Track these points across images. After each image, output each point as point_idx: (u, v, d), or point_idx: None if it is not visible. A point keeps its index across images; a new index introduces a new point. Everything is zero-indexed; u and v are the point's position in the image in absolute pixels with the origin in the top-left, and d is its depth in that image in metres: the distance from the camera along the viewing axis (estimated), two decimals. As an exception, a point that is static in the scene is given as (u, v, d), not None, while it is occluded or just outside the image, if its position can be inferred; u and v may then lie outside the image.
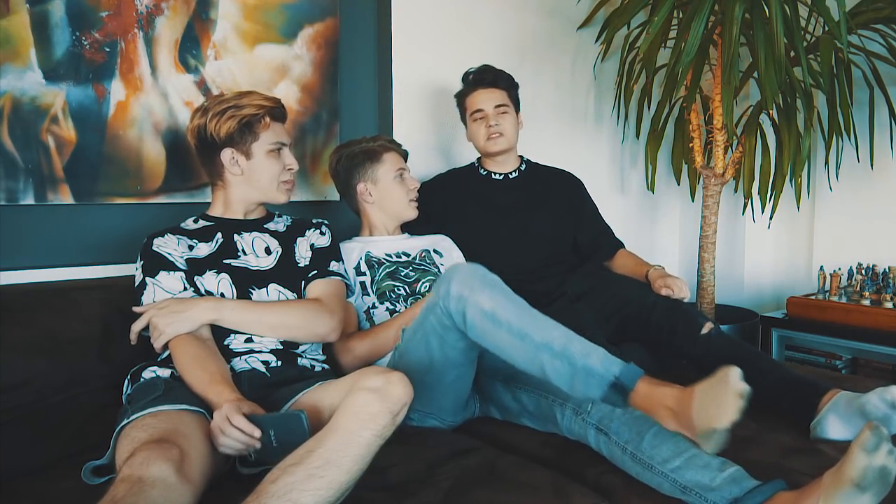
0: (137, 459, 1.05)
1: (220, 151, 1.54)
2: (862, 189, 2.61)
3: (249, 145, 1.55)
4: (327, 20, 2.06)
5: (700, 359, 1.67)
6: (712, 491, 1.17)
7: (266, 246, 1.60)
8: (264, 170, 1.57)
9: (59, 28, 1.63)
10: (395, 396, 1.13)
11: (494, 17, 2.47)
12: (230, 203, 1.61)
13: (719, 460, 1.21)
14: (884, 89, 2.30)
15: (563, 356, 1.24)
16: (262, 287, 1.54)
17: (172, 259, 1.49)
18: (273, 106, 1.57)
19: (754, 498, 1.15)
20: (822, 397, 1.43)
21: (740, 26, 2.02)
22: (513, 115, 2.09)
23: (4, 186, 1.60)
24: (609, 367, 1.21)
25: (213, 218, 1.61)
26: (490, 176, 2.14)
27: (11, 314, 1.46)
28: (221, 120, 1.52)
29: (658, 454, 1.23)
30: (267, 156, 1.56)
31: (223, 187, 1.60)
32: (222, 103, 1.54)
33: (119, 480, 1.03)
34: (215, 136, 1.52)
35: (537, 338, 1.26)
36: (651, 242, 3.11)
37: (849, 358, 2.50)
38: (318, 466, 1.06)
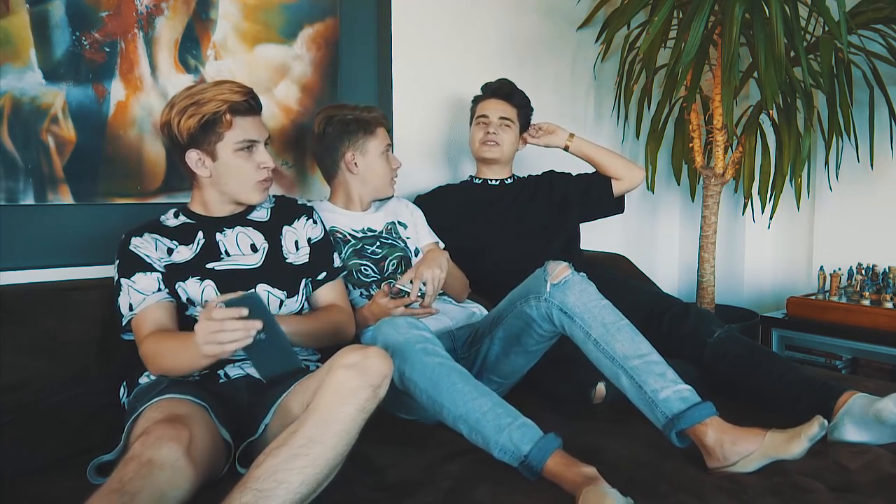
0: (150, 439, 1.06)
1: (186, 152, 1.44)
2: (862, 189, 2.61)
3: (213, 146, 1.43)
4: (327, 20, 2.06)
5: (710, 365, 1.65)
6: (662, 402, 1.31)
7: (251, 243, 1.53)
8: (233, 171, 1.46)
9: (59, 28, 1.63)
10: (375, 370, 1.13)
11: (495, 17, 2.47)
12: (207, 203, 1.52)
13: (674, 374, 1.34)
14: (884, 89, 2.30)
15: (477, 432, 1.26)
16: (250, 288, 1.45)
17: (150, 261, 1.42)
18: (238, 100, 1.42)
19: (691, 415, 1.28)
20: (837, 400, 1.42)
21: (740, 26, 2.02)
22: (514, 132, 2.13)
23: (4, 186, 1.60)
24: (519, 445, 1.22)
25: (193, 214, 1.53)
26: (486, 183, 2.17)
27: (11, 314, 1.46)
28: (183, 118, 1.40)
29: (620, 348, 1.36)
30: (234, 155, 1.44)
31: (197, 187, 1.51)
32: (186, 98, 1.41)
33: (129, 458, 1.04)
34: (178, 135, 1.42)
35: (454, 410, 1.28)
36: (651, 242, 3.11)
37: (849, 358, 2.50)
38: (301, 445, 1.06)
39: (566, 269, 1.47)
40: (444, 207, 2.09)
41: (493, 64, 2.45)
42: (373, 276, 1.79)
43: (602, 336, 1.38)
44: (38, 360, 1.43)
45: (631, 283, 2.04)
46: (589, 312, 1.41)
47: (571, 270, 1.48)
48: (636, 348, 1.37)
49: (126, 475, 1.01)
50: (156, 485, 1.02)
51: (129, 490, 0.99)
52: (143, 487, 1.00)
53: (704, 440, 1.28)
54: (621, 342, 1.37)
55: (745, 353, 1.62)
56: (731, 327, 1.73)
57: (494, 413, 1.26)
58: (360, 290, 1.77)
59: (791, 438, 1.25)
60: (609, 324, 1.40)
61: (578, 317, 1.41)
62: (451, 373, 1.32)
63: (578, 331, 1.42)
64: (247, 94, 1.45)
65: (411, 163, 2.23)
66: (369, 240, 1.83)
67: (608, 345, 1.37)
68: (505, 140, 2.11)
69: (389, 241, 1.84)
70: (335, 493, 1.16)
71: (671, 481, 1.22)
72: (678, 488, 1.19)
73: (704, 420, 1.28)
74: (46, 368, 1.43)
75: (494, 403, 1.28)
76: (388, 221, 1.89)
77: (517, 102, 2.14)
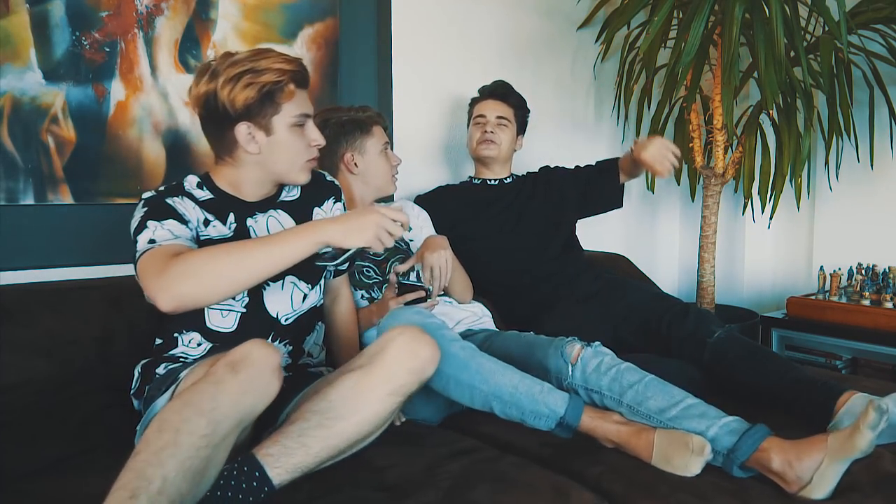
0: (238, 352, 1.05)
1: (235, 125, 1.29)
2: (862, 189, 2.61)
3: (269, 118, 1.30)
4: (327, 20, 2.06)
5: (710, 365, 1.65)
6: (712, 441, 1.25)
7: (282, 229, 1.39)
8: (286, 148, 1.33)
9: (59, 28, 1.64)
10: (423, 355, 1.20)
11: (495, 18, 2.47)
12: (239, 184, 1.38)
13: (715, 410, 1.30)
14: (884, 89, 2.30)
15: (511, 405, 1.36)
16: (278, 280, 1.39)
17: (187, 218, 1.29)
18: (297, 70, 1.30)
19: (746, 444, 1.22)
20: (837, 400, 1.41)
21: (740, 26, 2.02)
22: (511, 132, 2.14)
23: (4, 186, 1.60)
24: (555, 409, 1.34)
25: (221, 192, 1.38)
26: (485, 183, 2.17)
27: (11, 314, 1.46)
28: (237, 87, 1.26)
29: (655, 405, 1.34)
30: (290, 130, 1.33)
31: (232, 164, 1.36)
32: (235, 65, 1.27)
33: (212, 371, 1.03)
34: (229, 106, 1.26)
35: (485, 389, 1.36)
36: (651, 242, 3.11)
37: (849, 358, 2.50)
38: (329, 418, 1.13)
39: (579, 347, 1.48)
40: (444, 208, 2.09)
41: (493, 64, 2.46)
42: (375, 278, 1.79)
43: (634, 399, 1.37)
44: (38, 360, 1.43)
45: (631, 283, 2.04)
46: (615, 382, 1.40)
47: (582, 345, 1.48)
48: (669, 398, 1.35)
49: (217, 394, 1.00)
50: (242, 410, 1.02)
51: (215, 417, 0.99)
52: (227, 416, 1.00)
53: (771, 466, 1.19)
54: (653, 398, 1.35)
55: (745, 353, 1.62)
56: (731, 327, 1.73)
57: (524, 384, 1.35)
58: (361, 291, 1.77)
59: (852, 434, 1.15)
60: (636, 383, 1.38)
61: (606, 389, 1.41)
62: (476, 354, 1.38)
63: (609, 401, 1.41)
64: (301, 64, 1.33)
65: (411, 163, 2.23)
66: None
67: (641, 405, 1.36)
68: (502, 139, 2.11)
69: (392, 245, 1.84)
70: (335, 494, 1.16)
71: (671, 481, 1.22)
72: (678, 488, 1.19)
73: (761, 445, 1.21)
74: (46, 368, 1.43)
75: (521, 376, 1.37)
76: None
77: (513, 102, 2.15)
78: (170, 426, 0.97)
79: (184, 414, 0.98)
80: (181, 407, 0.99)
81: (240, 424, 1.04)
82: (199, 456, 0.97)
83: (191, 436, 0.96)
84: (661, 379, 1.40)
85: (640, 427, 1.32)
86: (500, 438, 1.44)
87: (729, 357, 1.63)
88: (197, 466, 0.97)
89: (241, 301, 1.37)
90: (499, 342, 1.67)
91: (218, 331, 1.36)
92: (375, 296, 1.78)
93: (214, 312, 1.36)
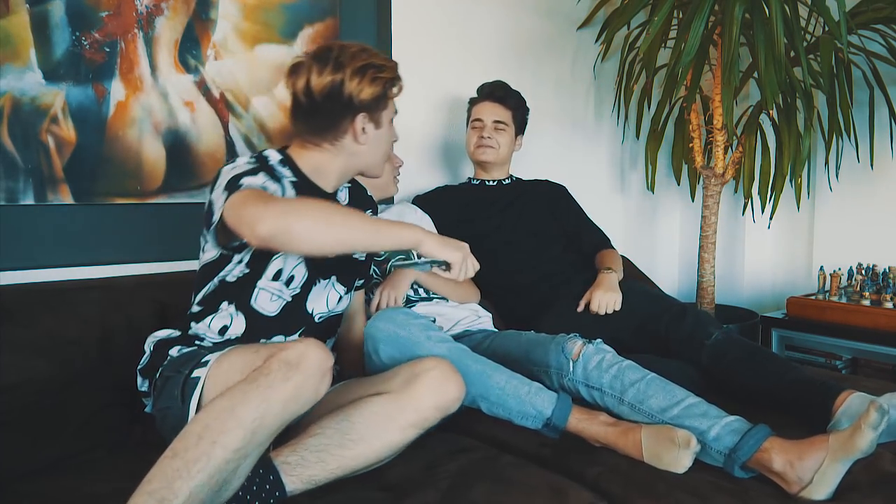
0: (295, 351, 1.04)
1: (356, 115, 1.33)
2: (862, 189, 2.61)
3: (380, 113, 1.37)
4: (327, 20, 2.06)
5: (709, 366, 1.65)
6: (713, 440, 1.26)
7: None
8: (383, 141, 1.41)
9: (58, 28, 1.64)
10: (451, 396, 1.24)
11: (495, 18, 2.47)
12: (324, 171, 1.38)
13: (717, 410, 1.30)
14: (884, 89, 2.30)
15: (498, 405, 1.38)
16: (326, 278, 1.41)
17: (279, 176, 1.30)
18: (397, 67, 1.39)
19: (748, 444, 1.22)
20: (835, 400, 1.42)
21: (740, 26, 2.02)
22: (509, 134, 2.12)
23: (4, 186, 1.60)
24: (542, 410, 1.36)
25: (303, 177, 1.36)
26: (484, 183, 2.18)
27: (11, 314, 1.46)
28: (364, 80, 1.31)
29: (656, 403, 1.34)
30: (389, 125, 1.41)
31: (327, 151, 1.37)
32: (356, 58, 1.31)
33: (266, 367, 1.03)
34: (355, 97, 1.31)
35: (472, 391, 1.37)
36: (651, 242, 3.11)
37: (849, 358, 2.50)
38: (351, 439, 1.16)
39: (580, 343, 1.48)
40: (443, 208, 2.09)
41: (493, 64, 2.45)
42: (376, 279, 1.79)
43: (635, 397, 1.37)
44: (38, 360, 1.43)
45: (629, 283, 2.03)
46: (617, 380, 1.40)
47: (584, 342, 1.49)
48: (671, 397, 1.35)
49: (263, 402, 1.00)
50: (283, 418, 1.03)
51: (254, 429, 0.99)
52: (266, 427, 1.01)
53: (772, 467, 1.19)
54: (655, 397, 1.36)
55: (743, 355, 1.62)
56: (729, 328, 1.73)
57: (511, 385, 1.37)
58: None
59: (853, 433, 1.14)
60: (638, 381, 1.39)
61: (608, 386, 1.41)
62: (463, 356, 1.39)
63: (610, 399, 1.42)
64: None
65: (411, 163, 2.23)
66: None
67: (643, 404, 1.36)
68: (500, 143, 2.10)
69: None
70: (335, 493, 1.16)
71: (670, 481, 1.22)
72: (676, 488, 1.19)
73: (762, 445, 1.21)
74: (46, 368, 1.43)
75: (509, 376, 1.38)
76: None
77: (511, 104, 2.13)
78: (209, 435, 0.97)
79: (226, 423, 0.98)
80: (226, 413, 0.99)
81: (278, 430, 1.05)
82: (228, 469, 0.98)
83: (225, 450, 0.97)
84: (662, 377, 1.40)
85: (626, 427, 1.32)
86: (498, 438, 1.44)
87: (727, 358, 1.63)
88: (223, 478, 0.98)
89: (292, 291, 1.37)
90: (498, 341, 1.67)
91: (261, 313, 1.35)
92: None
93: (264, 295, 1.35)
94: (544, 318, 1.92)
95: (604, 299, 1.84)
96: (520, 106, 2.16)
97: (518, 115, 2.15)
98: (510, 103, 2.12)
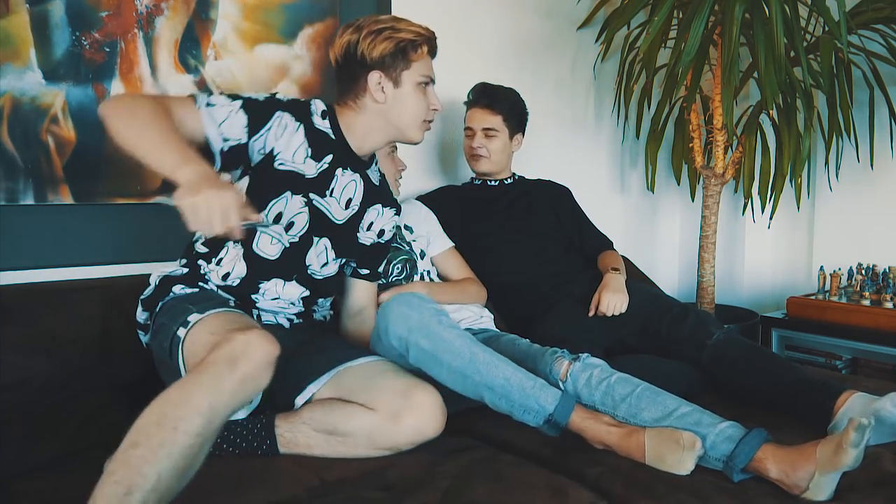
0: (251, 350, 1.08)
1: (369, 72, 1.42)
2: (862, 189, 2.61)
3: (400, 72, 1.44)
4: (327, 20, 2.06)
5: (709, 366, 1.65)
6: (710, 448, 1.25)
7: (350, 197, 1.51)
8: (409, 103, 1.46)
9: (58, 28, 1.64)
10: (432, 426, 1.31)
11: (495, 17, 2.47)
12: (354, 129, 1.48)
13: (710, 417, 1.30)
14: (884, 89, 2.30)
15: (502, 397, 1.36)
16: (322, 237, 1.48)
17: (265, 133, 1.36)
18: (431, 37, 1.47)
19: (743, 452, 1.22)
20: (836, 400, 1.41)
21: (740, 26, 2.02)
22: (502, 139, 2.07)
23: (4, 186, 1.60)
24: (544, 405, 1.34)
25: (338, 131, 1.47)
26: (486, 183, 2.17)
27: (11, 314, 1.46)
28: (377, 39, 1.40)
29: (649, 415, 1.34)
30: (416, 88, 1.46)
31: (354, 110, 1.47)
32: (378, 23, 1.43)
33: (223, 360, 1.06)
34: (366, 55, 1.41)
35: (477, 378, 1.36)
36: (651, 242, 3.11)
37: (849, 358, 2.50)
38: (343, 433, 1.29)
39: (567, 364, 1.47)
40: (446, 208, 2.09)
41: (493, 64, 2.46)
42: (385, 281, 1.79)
43: (628, 412, 1.37)
44: (38, 360, 1.43)
45: (630, 283, 2.04)
46: (608, 396, 1.40)
47: (570, 360, 1.47)
48: (663, 408, 1.34)
49: (215, 392, 1.03)
50: (233, 406, 1.07)
51: (212, 417, 1.03)
52: (221, 413, 1.05)
53: (768, 475, 1.21)
54: (647, 409, 1.35)
55: (743, 355, 1.62)
56: (730, 329, 1.73)
57: (517, 378, 1.35)
58: None
59: (837, 451, 1.15)
60: (628, 396, 1.38)
61: (600, 403, 1.41)
62: (472, 343, 1.38)
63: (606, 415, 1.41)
64: (435, 35, 1.49)
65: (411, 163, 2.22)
66: None
67: (636, 417, 1.36)
68: (492, 150, 2.06)
69: (394, 245, 1.85)
70: (335, 493, 1.16)
71: (670, 481, 1.22)
72: (677, 488, 1.19)
73: (756, 454, 1.21)
74: (46, 368, 1.43)
75: (514, 369, 1.37)
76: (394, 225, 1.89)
77: (500, 109, 2.05)
78: (169, 422, 1.00)
79: (183, 411, 1.01)
80: (182, 402, 1.02)
81: (230, 416, 1.09)
82: (192, 453, 1.01)
83: (187, 434, 1.00)
84: (653, 387, 1.39)
85: (630, 429, 1.32)
86: (498, 438, 1.45)
87: (728, 359, 1.63)
88: (188, 463, 1.01)
89: (291, 238, 1.44)
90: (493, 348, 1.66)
91: (261, 256, 1.43)
92: None
93: (265, 238, 1.42)
94: (545, 318, 1.92)
95: (612, 300, 1.85)
96: (511, 108, 2.08)
97: (510, 116, 2.08)
98: (498, 108, 2.06)
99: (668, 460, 1.25)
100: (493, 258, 2.04)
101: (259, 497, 1.15)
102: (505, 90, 2.09)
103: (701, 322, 1.74)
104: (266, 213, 1.40)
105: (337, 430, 1.30)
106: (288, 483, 1.20)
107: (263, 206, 1.39)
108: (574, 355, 1.49)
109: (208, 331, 1.20)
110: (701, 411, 1.32)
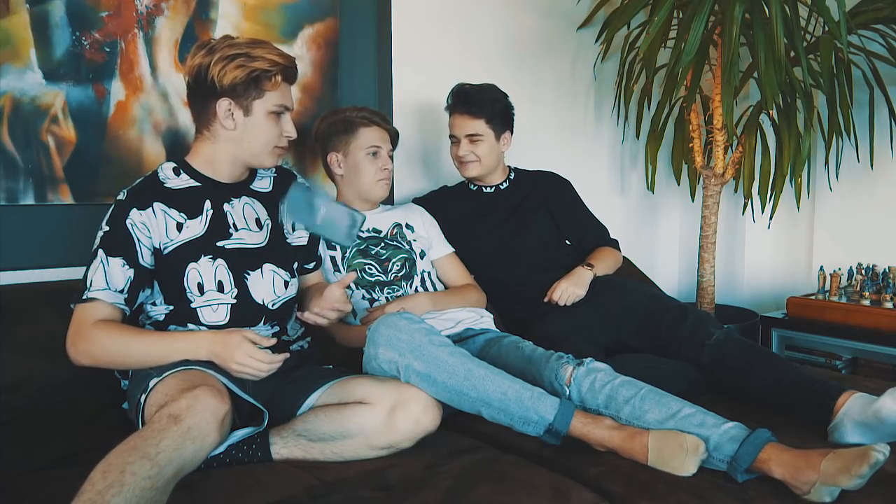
0: (197, 404, 1.10)
1: (217, 100, 1.39)
2: (862, 189, 2.61)
3: (251, 101, 1.40)
4: (327, 20, 2.06)
5: (709, 367, 1.65)
6: (714, 450, 1.26)
7: (256, 217, 1.50)
8: (260, 132, 1.42)
9: (59, 28, 1.63)
10: (430, 420, 1.33)
11: (495, 17, 2.47)
12: (215, 161, 1.46)
13: (714, 417, 1.30)
14: (884, 89, 2.30)
15: (500, 411, 1.36)
16: (257, 268, 1.47)
17: (139, 249, 1.36)
18: (287, 65, 1.42)
19: (747, 453, 1.22)
20: (836, 400, 1.41)
21: (740, 26, 2.02)
22: (487, 142, 2.00)
23: (4, 186, 1.60)
24: (544, 415, 1.34)
25: (198, 175, 1.46)
26: (481, 190, 2.13)
27: (11, 314, 1.46)
28: (229, 66, 1.35)
29: (652, 417, 1.33)
30: (267, 117, 1.42)
31: (209, 139, 1.44)
32: (232, 47, 1.37)
33: (168, 417, 1.08)
34: (216, 81, 1.36)
35: (474, 395, 1.36)
36: (651, 242, 3.11)
37: (849, 358, 2.50)
38: (335, 438, 1.31)
39: (571, 369, 1.47)
40: (442, 209, 2.06)
41: (493, 64, 2.45)
42: (377, 276, 1.79)
43: (631, 414, 1.37)
44: (38, 360, 1.43)
45: (630, 283, 2.04)
46: (612, 400, 1.40)
47: (574, 366, 1.48)
48: (667, 409, 1.34)
49: (161, 440, 1.05)
50: (184, 457, 1.06)
51: (159, 461, 1.03)
52: (171, 460, 1.04)
53: (773, 476, 1.21)
54: (651, 411, 1.35)
55: (743, 355, 1.62)
56: (729, 329, 1.73)
57: (514, 390, 1.35)
58: (363, 290, 1.77)
59: (842, 473, 1.15)
60: (632, 398, 1.38)
61: (604, 407, 1.41)
62: (465, 360, 1.37)
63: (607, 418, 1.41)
64: (292, 61, 1.44)
65: (411, 164, 2.23)
66: (374, 240, 1.83)
67: (640, 419, 1.36)
68: (478, 155, 2.00)
69: (394, 244, 1.85)
70: (335, 493, 1.16)
71: (670, 481, 1.22)
72: (678, 488, 1.19)
73: (760, 455, 1.22)
74: (46, 368, 1.43)
75: (511, 381, 1.36)
76: (395, 223, 1.88)
77: (481, 112, 1.96)
78: (115, 469, 1.00)
79: (129, 458, 1.02)
80: (126, 452, 1.03)
81: (181, 471, 1.07)
82: (146, 497, 1.00)
83: (135, 476, 1.00)
84: (657, 389, 1.39)
85: (632, 431, 1.32)
86: (499, 438, 1.45)
87: (727, 359, 1.63)
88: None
89: (230, 293, 1.43)
90: (498, 351, 1.66)
91: (216, 324, 1.43)
92: (376, 296, 1.78)
93: (206, 309, 1.42)
94: (545, 319, 1.92)
95: (567, 290, 1.91)
96: (492, 107, 1.98)
97: (493, 117, 1.98)
98: (478, 111, 1.96)
99: (670, 463, 1.25)
100: (492, 260, 2.04)
101: (258, 497, 1.15)
102: (484, 90, 1.99)
103: (700, 322, 1.74)
104: (187, 294, 1.40)
105: (334, 434, 1.30)
106: (287, 484, 1.20)
107: (178, 293, 1.40)
108: (578, 360, 1.49)
109: (163, 392, 1.20)
110: (705, 412, 1.32)
